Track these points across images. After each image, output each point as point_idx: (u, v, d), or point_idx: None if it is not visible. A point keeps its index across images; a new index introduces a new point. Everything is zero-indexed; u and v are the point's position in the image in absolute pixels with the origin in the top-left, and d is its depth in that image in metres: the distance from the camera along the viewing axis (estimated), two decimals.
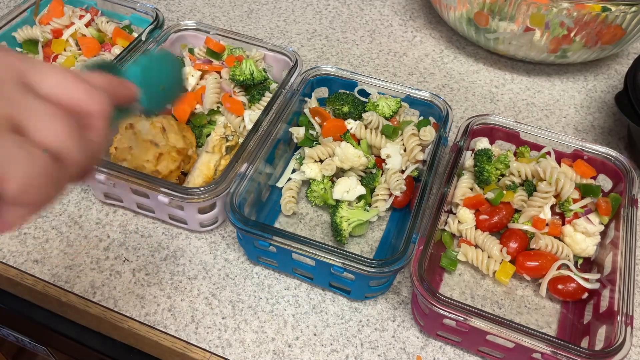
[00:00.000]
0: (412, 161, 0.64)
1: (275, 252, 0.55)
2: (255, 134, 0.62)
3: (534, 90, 0.84)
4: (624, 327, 0.48)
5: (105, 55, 0.75)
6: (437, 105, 0.66)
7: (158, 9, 0.77)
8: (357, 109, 0.67)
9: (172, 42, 0.75)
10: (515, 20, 0.76)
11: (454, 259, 0.60)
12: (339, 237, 0.60)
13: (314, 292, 0.59)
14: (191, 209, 0.59)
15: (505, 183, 0.62)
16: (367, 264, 0.50)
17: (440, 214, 0.56)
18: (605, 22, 0.72)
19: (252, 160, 0.59)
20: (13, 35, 0.75)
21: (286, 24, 0.93)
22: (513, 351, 0.50)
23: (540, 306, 0.59)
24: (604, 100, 0.83)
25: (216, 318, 0.56)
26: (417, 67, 0.86)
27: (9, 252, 0.61)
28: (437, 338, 0.55)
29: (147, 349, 0.59)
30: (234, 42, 0.74)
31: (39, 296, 0.60)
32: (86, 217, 0.64)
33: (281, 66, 0.74)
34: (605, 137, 0.77)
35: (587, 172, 0.61)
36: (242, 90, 0.70)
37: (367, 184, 0.63)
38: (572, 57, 0.81)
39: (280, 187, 0.66)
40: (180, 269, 0.60)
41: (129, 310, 0.57)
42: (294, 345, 0.55)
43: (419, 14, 0.97)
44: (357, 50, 0.89)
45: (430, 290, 0.49)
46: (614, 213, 0.59)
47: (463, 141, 0.63)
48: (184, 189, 0.56)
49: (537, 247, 0.59)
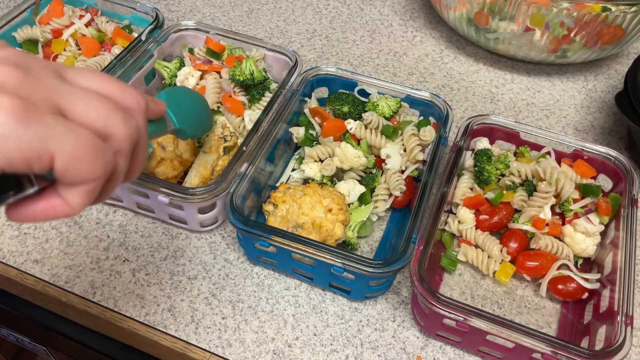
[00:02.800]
0: (412, 161, 0.64)
1: (275, 252, 0.55)
2: (255, 134, 0.62)
3: (534, 90, 0.84)
4: (624, 327, 0.48)
5: (105, 55, 0.75)
6: (437, 105, 0.66)
7: (158, 9, 0.77)
8: (357, 109, 0.67)
9: (172, 42, 0.75)
10: (515, 20, 0.76)
11: (454, 259, 0.60)
12: (349, 246, 0.60)
13: (314, 292, 0.59)
14: (191, 209, 0.59)
15: (505, 183, 0.62)
16: (367, 264, 0.50)
17: (440, 214, 0.56)
18: (605, 22, 0.72)
19: (252, 160, 0.59)
20: (13, 35, 0.75)
21: (286, 24, 0.93)
22: (513, 351, 0.50)
23: (540, 306, 0.59)
24: (604, 100, 0.83)
25: (216, 318, 0.56)
26: (417, 67, 0.86)
27: (9, 252, 0.61)
28: (437, 338, 0.55)
29: (147, 349, 0.59)
30: (234, 42, 0.74)
31: (39, 296, 0.60)
32: (86, 217, 0.64)
33: (281, 66, 0.74)
34: (605, 137, 0.77)
35: (587, 172, 0.61)
36: (242, 90, 0.70)
37: (367, 184, 0.63)
38: (572, 57, 0.81)
39: None
40: (180, 269, 0.60)
41: (128, 310, 0.57)
42: (294, 345, 0.55)
43: (419, 14, 0.97)
44: (357, 50, 0.89)
45: (430, 290, 0.49)
46: (614, 213, 0.59)
47: (463, 141, 0.63)
48: (184, 189, 0.56)
49: (537, 247, 0.59)
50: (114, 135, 0.30)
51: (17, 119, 0.26)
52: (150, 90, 0.75)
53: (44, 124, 0.27)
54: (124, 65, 0.69)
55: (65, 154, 0.27)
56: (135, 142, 0.32)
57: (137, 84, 0.71)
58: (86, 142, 0.28)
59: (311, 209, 0.56)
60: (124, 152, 0.31)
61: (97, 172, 0.29)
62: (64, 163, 0.28)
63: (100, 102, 0.29)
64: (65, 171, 0.28)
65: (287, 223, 0.57)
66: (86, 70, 0.31)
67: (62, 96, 0.28)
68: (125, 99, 0.32)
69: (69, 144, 0.27)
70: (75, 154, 0.28)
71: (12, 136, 0.26)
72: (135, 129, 0.32)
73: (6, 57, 0.28)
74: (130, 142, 0.31)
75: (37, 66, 0.29)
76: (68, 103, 0.28)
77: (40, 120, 0.26)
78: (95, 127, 0.29)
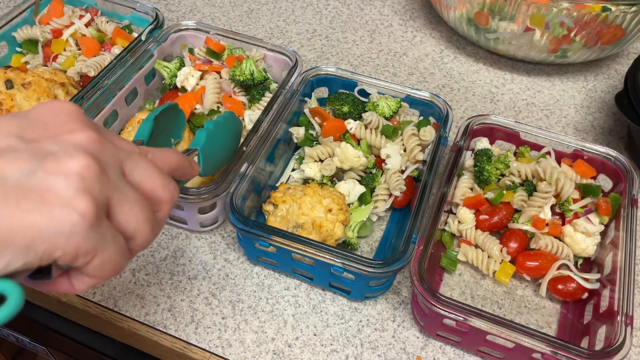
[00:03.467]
0: (412, 161, 0.64)
1: (275, 252, 0.55)
2: (255, 134, 0.62)
3: (534, 90, 0.84)
4: (624, 327, 0.48)
5: (105, 55, 0.75)
6: (437, 105, 0.66)
7: (158, 9, 0.77)
8: (357, 109, 0.67)
9: (172, 42, 0.75)
10: (515, 20, 0.76)
11: (454, 259, 0.60)
12: (349, 246, 0.60)
13: (314, 292, 0.59)
14: (191, 209, 0.59)
15: (505, 183, 0.62)
16: (367, 264, 0.50)
17: (440, 214, 0.56)
18: (605, 22, 0.72)
19: (252, 160, 0.59)
20: (13, 35, 0.75)
21: (286, 24, 0.93)
22: (513, 351, 0.50)
23: (540, 306, 0.59)
24: (604, 100, 0.83)
25: (216, 318, 0.56)
26: (417, 67, 0.86)
27: None
28: (437, 338, 0.55)
29: (147, 349, 0.59)
30: (234, 42, 0.74)
31: (39, 296, 0.60)
32: None
33: (281, 66, 0.74)
34: (605, 137, 0.77)
35: (587, 172, 0.61)
36: (242, 91, 0.70)
37: (367, 184, 0.63)
38: (572, 57, 0.81)
39: None
40: (180, 269, 0.60)
41: (128, 310, 0.57)
42: (294, 345, 0.55)
43: (419, 14, 0.97)
44: (357, 50, 0.89)
45: (430, 290, 0.49)
46: (614, 213, 0.59)
47: (463, 141, 0.63)
48: (185, 189, 0.56)
49: (537, 247, 0.59)
50: (138, 240, 0.33)
51: (89, 225, 0.28)
52: (150, 90, 0.75)
53: (101, 232, 0.29)
54: (124, 65, 0.69)
55: (104, 258, 0.30)
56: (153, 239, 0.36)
57: (137, 84, 0.71)
58: (120, 249, 0.31)
59: (311, 209, 0.56)
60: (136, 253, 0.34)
61: (114, 273, 0.32)
62: (98, 264, 0.30)
63: (140, 210, 0.32)
64: (94, 270, 0.30)
65: (287, 223, 0.57)
66: (142, 162, 0.34)
67: (116, 198, 0.31)
68: (164, 194, 0.35)
69: (109, 251, 0.30)
70: (109, 260, 0.30)
71: (77, 237, 0.28)
72: (157, 231, 0.35)
73: (87, 142, 0.30)
74: (147, 245, 0.34)
75: (108, 159, 0.31)
76: (118, 206, 0.31)
77: (100, 227, 0.29)
78: (127, 232, 0.32)
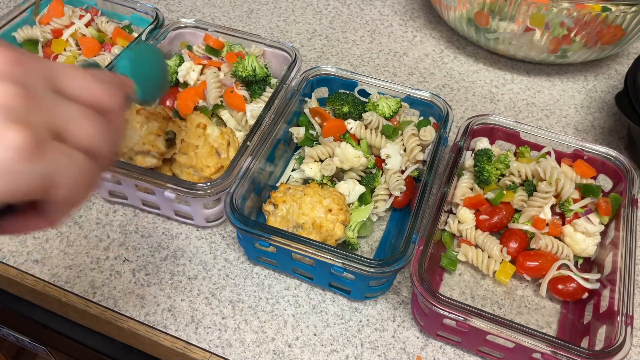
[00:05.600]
0: (412, 161, 0.64)
1: (275, 252, 0.55)
2: (259, 129, 0.62)
3: (534, 90, 0.84)
4: (624, 327, 0.48)
5: (105, 55, 0.75)
6: (437, 105, 0.66)
7: (158, 9, 0.77)
8: (357, 109, 0.67)
9: (171, 40, 0.75)
10: (515, 20, 0.76)
11: (454, 259, 0.60)
12: (349, 246, 0.60)
13: (314, 292, 0.59)
14: (197, 205, 0.59)
15: (505, 183, 0.62)
16: (367, 264, 0.50)
17: (440, 214, 0.56)
18: (605, 22, 0.72)
19: (255, 154, 0.59)
20: (13, 35, 0.75)
21: (286, 24, 0.93)
22: (513, 351, 0.50)
23: (540, 306, 0.59)
24: (604, 100, 0.83)
25: (216, 318, 0.56)
26: (417, 67, 0.86)
27: (9, 252, 0.61)
28: (437, 338, 0.55)
29: (147, 349, 0.59)
30: (233, 39, 0.74)
31: (39, 296, 0.60)
32: (86, 217, 0.64)
33: (280, 62, 0.74)
34: (605, 137, 0.77)
35: (587, 172, 0.61)
36: (243, 86, 0.70)
37: (367, 184, 0.63)
38: (572, 57, 0.81)
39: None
40: (180, 269, 0.60)
41: (129, 310, 0.57)
42: (294, 345, 0.55)
43: (419, 14, 0.97)
44: (357, 50, 0.89)
45: (430, 290, 0.49)
46: (614, 213, 0.59)
47: (463, 141, 0.63)
48: (190, 185, 0.56)
49: (537, 247, 0.59)
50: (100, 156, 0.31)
51: (29, 158, 0.26)
52: None
53: (50, 159, 0.27)
54: None
55: (68, 185, 0.28)
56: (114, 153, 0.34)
57: None
58: (82, 169, 0.29)
59: (311, 209, 0.56)
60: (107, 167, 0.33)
61: (88, 196, 0.31)
62: (65, 192, 0.28)
63: (91, 123, 0.30)
64: (64, 198, 0.29)
65: (287, 223, 0.57)
66: (75, 74, 0.31)
67: (59, 118, 0.29)
68: (109, 101, 0.32)
69: (71, 175, 0.28)
70: (74, 184, 0.29)
71: (22, 173, 0.26)
72: (118, 140, 0.33)
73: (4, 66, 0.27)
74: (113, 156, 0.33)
75: (34, 79, 0.28)
76: (64, 125, 0.29)
77: (47, 154, 0.27)
78: (87, 148, 0.30)
